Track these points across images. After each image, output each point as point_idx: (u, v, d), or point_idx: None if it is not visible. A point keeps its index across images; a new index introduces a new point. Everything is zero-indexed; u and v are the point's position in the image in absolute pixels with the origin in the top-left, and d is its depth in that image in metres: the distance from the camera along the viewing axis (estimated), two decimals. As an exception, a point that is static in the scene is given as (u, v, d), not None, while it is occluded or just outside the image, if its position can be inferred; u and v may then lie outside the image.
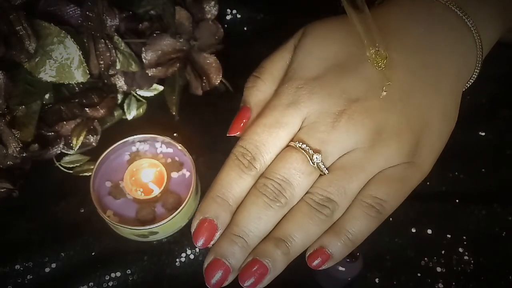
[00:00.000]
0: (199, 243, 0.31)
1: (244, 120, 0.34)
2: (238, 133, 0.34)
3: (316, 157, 0.31)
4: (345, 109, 0.32)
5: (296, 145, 0.32)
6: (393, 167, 0.32)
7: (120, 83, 0.48)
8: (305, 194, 0.32)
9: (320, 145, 0.31)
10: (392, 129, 0.32)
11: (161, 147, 0.46)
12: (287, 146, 0.32)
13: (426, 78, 0.33)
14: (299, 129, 0.33)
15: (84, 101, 0.45)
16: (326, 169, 0.32)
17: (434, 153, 0.33)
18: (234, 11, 0.55)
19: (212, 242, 0.31)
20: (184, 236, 0.44)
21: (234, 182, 0.32)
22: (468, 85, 0.35)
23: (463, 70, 0.34)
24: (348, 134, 0.31)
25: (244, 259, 0.31)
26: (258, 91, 0.35)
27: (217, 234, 0.31)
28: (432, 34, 0.34)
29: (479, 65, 0.34)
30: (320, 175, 0.32)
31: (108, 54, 0.44)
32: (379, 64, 0.32)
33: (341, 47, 0.34)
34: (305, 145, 0.31)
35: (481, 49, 0.34)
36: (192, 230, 0.31)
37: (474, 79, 0.35)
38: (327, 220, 0.31)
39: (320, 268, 0.32)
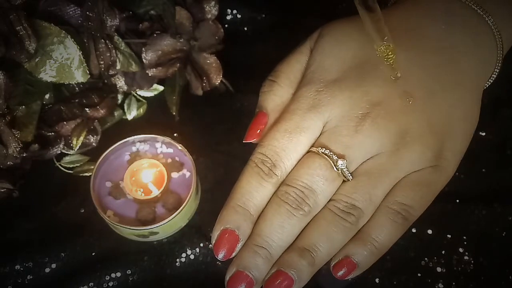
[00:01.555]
0: (220, 255, 0.30)
1: (261, 126, 0.33)
2: (254, 139, 0.33)
3: (341, 163, 0.30)
4: (368, 112, 0.31)
5: (318, 151, 0.30)
6: (418, 171, 0.31)
7: (120, 83, 0.48)
8: (329, 201, 0.31)
9: (344, 150, 0.30)
10: (416, 132, 0.31)
11: (161, 147, 0.46)
12: (308, 151, 0.31)
13: (447, 78, 0.32)
14: (320, 134, 0.31)
15: (84, 101, 0.45)
16: (350, 174, 0.31)
17: (458, 155, 0.32)
18: (235, 11, 0.55)
19: (233, 254, 0.30)
20: (184, 236, 0.44)
21: (254, 190, 0.30)
22: (489, 84, 0.34)
23: (483, 69, 0.33)
24: (372, 138, 0.30)
25: (268, 271, 0.30)
26: (275, 95, 0.33)
27: (239, 245, 0.30)
28: (451, 33, 0.33)
29: (499, 64, 0.34)
30: (344, 181, 0.31)
31: (108, 54, 0.44)
32: (389, 59, 0.31)
33: (359, 48, 0.33)
34: (328, 150, 0.30)
35: (501, 48, 0.33)
36: (213, 241, 0.30)
37: (494, 78, 0.34)
38: (353, 227, 0.30)
39: (346, 278, 0.31)
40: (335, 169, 0.30)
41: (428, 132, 0.31)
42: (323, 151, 0.30)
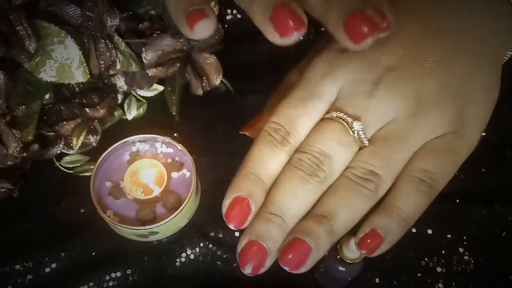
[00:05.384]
0: (232, 225, 0.28)
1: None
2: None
3: (356, 125, 0.29)
4: (383, 77, 0.30)
5: (333, 116, 0.29)
6: (438, 138, 0.30)
7: (120, 83, 0.48)
8: (346, 168, 0.29)
9: (359, 113, 0.29)
10: (432, 96, 0.30)
11: (161, 147, 0.46)
12: (323, 118, 0.30)
13: (466, 45, 0.31)
14: (335, 100, 0.30)
15: (84, 101, 0.45)
16: (367, 139, 0.29)
17: (480, 123, 0.31)
18: (234, 11, 0.55)
19: (245, 224, 0.28)
20: (184, 236, 0.44)
21: (267, 158, 0.29)
22: (507, 58, 0.33)
23: (503, 38, 0.32)
24: (388, 102, 0.29)
25: (283, 240, 0.28)
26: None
27: (251, 214, 0.28)
28: (471, 2, 0.32)
29: None
30: (360, 148, 0.30)
31: (108, 54, 0.44)
32: None
33: None
34: (342, 113, 0.29)
35: None
36: (224, 211, 0.28)
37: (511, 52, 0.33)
38: (372, 195, 0.28)
39: (374, 254, 0.29)
40: (351, 132, 0.29)
41: (445, 97, 0.30)
42: (338, 114, 0.29)
